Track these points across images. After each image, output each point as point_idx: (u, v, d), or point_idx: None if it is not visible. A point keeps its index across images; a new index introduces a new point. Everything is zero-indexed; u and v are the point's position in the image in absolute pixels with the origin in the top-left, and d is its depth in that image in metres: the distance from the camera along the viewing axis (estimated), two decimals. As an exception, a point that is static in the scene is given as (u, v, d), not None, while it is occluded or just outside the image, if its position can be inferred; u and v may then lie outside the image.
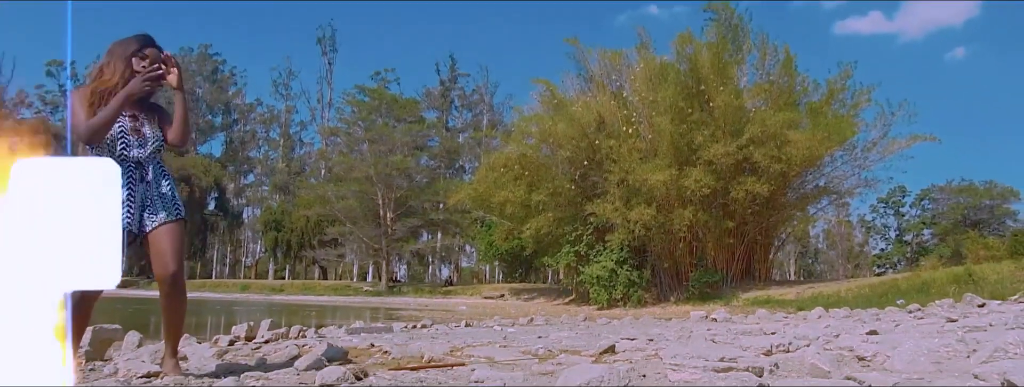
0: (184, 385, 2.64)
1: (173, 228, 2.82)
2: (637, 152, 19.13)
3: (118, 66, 2.79)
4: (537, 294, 27.66)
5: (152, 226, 2.80)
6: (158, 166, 2.90)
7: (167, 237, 2.79)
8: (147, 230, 2.79)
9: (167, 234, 2.80)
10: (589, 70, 22.95)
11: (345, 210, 36.32)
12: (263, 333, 5.85)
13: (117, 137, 2.79)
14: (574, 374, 2.26)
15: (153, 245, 2.79)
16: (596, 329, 6.70)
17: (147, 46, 2.85)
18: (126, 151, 2.80)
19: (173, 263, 2.78)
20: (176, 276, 2.80)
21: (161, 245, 2.78)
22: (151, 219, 2.81)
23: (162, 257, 2.77)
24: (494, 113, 53.51)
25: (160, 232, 2.79)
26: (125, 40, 2.86)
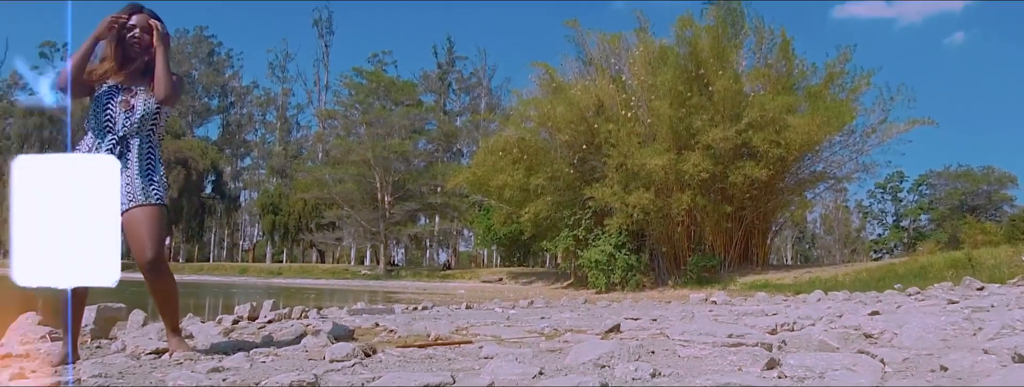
0: (194, 360, 2.65)
1: (149, 211, 2.71)
2: (636, 136, 19.09)
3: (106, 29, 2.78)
4: (535, 278, 27.75)
5: (127, 207, 2.70)
6: (146, 144, 2.83)
7: (143, 221, 2.69)
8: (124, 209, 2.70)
9: (143, 217, 2.69)
10: (588, 53, 22.86)
11: (343, 193, 36.27)
12: (266, 313, 5.87)
13: (103, 106, 2.76)
14: (585, 350, 2.28)
15: (128, 228, 2.69)
16: (597, 311, 6.73)
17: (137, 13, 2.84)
18: (111, 123, 2.76)
19: (150, 249, 2.68)
20: (154, 262, 2.71)
21: (137, 229, 2.68)
22: (127, 199, 2.71)
23: (138, 242, 2.68)
24: (492, 97, 53.34)
25: (135, 214, 2.69)
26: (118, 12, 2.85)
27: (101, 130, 2.74)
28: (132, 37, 2.82)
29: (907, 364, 1.89)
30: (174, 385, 1.69)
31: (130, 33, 2.82)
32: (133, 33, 2.82)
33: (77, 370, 2.25)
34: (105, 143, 2.73)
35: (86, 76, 2.76)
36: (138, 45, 2.82)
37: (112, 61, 2.84)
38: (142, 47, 2.83)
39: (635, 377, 1.84)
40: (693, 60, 19.49)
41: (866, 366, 1.66)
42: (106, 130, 2.74)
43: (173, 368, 2.40)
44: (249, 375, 2.12)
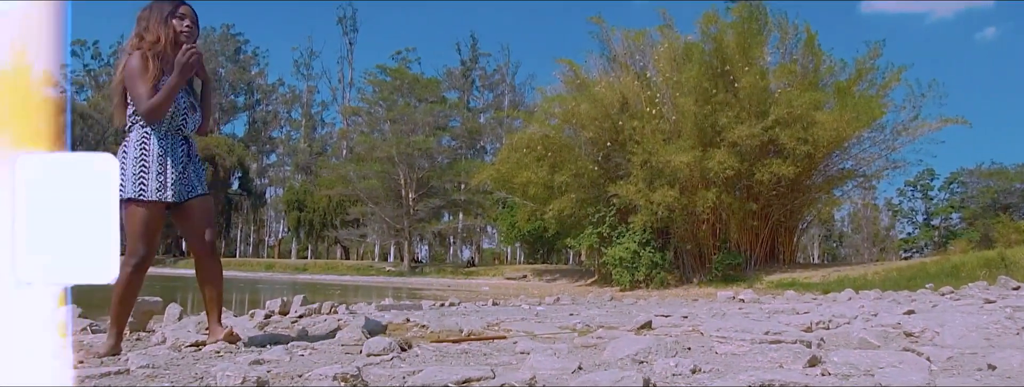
0: (234, 352, 2.69)
1: (208, 200, 2.95)
2: (660, 133, 18.97)
3: (158, 29, 2.81)
4: (559, 275, 27.74)
5: (189, 197, 2.88)
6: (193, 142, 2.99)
7: (207, 210, 2.92)
8: (182, 201, 2.86)
9: (206, 206, 2.92)
10: (612, 50, 22.72)
11: (367, 190, 36.49)
12: (296, 308, 5.94)
13: (179, 112, 2.84)
14: (621, 345, 2.28)
15: (191, 216, 2.88)
16: (624, 308, 6.72)
17: (181, 5, 2.88)
18: (184, 127, 2.88)
19: (210, 233, 2.91)
20: (213, 245, 2.94)
21: (200, 216, 2.88)
22: (189, 191, 2.89)
23: (200, 227, 2.88)
24: (515, 93, 53.31)
25: (197, 204, 2.89)
26: (153, 3, 2.87)
27: (174, 130, 2.83)
28: (185, 27, 2.86)
29: (952, 363, 1.87)
30: (222, 376, 1.72)
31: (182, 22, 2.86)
32: (185, 23, 2.86)
33: (125, 361, 2.30)
34: (177, 142, 2.84)
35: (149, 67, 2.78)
36: (188, 37, 2.86)
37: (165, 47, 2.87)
38: (192, 39, 2.88)
39: (675, 373, 1.84)
40: (718, 56, 19.32)
41: (912, 364, 1.64)
42: (178, 130, 2.84)
43: (215, 360, 2.44)
44: (290, 367, 2.16)
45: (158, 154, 2.76)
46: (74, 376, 1.89)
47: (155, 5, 2.86)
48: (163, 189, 2.76)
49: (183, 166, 2.85)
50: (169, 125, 2.82)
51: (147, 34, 2.81)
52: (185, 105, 2.87)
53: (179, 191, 2.84)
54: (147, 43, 2.79)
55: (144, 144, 2.76)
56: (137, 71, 2.72)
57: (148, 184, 2.73)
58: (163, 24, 2.81)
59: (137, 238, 2.74)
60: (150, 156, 2.75)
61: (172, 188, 2.80)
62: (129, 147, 2.77)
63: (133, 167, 2.73)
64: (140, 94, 2.71)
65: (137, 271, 2.78)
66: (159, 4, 2.85)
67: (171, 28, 2.83)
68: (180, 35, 2.84)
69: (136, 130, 2.79)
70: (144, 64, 2.74)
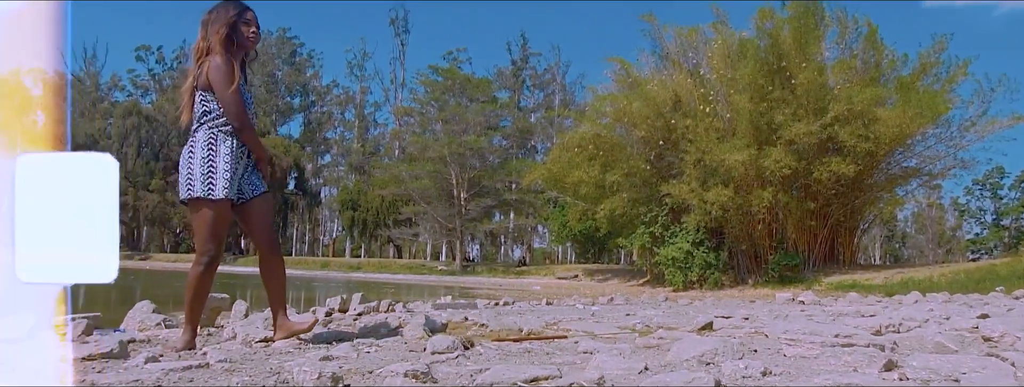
0: (303, 348, 2.77)
1: (268, 198, 3.04)
2: (714, 131, 18.68)
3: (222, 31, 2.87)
4: (611, 275, 27.57)
5: (251, 196, 2.98)
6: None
7: (265, 208, 3.00)
8: (245, 199, 2.96)
9: (263, 205, 3.00)
10: (664, 48, 22.49)
11: (419, 190, 36.89)
12: (355, 306, 6.06)
13: (248, 109, 2.96)
14: (686, 346, 2.26)
15: (254, 215, 2.98)
16: (681, 309, 6.64)
17: (247, 10, 2.96)
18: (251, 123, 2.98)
19: (271, 232, 3.01)
20: (276, 242, 3.04)
21: (262, 214, 2.98)
22: (251, 189, 2.98)
23: (263, 225, 2.98)
24: (566, 93, 53.20)
25: (259, 202, 2.98)
26: (218, 8, 2.94)
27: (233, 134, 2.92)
28: (251, 34, 2.95)
29: (1038, 369, 1.80)
30: (298, 371, 1.77)
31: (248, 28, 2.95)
32: (251, 30, 2.95)
33: (203, 355, 2.39)
34: (241, 142, 2.93)
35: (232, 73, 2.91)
36: (252, 41, 2.96)
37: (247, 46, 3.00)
38: (254, 43, 2.98)
39: (745, 375, 1.82)
40: (774, 53, 18.90)
41: (997, 369, 1.59)
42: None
43: (286, 355, 2.52)
44: (358, 364, 2.21)
45: (225, 153, 2.84)
46: (159, 369, 1.97)
47: (220, 8, 2.92)
48: (230, 188, 2.85)
49: (245, 165, 2.94)
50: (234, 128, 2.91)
51: (214, 37, 2.88)
52: (251, 103, 3.01)
53: (244, 190, 2.95)
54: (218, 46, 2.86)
55: (212, 144, 2.85)
56: (223, 73, 2.81)
57: (216, 183, 2.81)
58: (228, 27, 2.88)
59: (207, 236, 2.84)
60: (218, 155, 2.84)
61: (238, 187, 2.91)
62: (196, 147, 2.85)
63: (201, 167, 2.82)
64: (226, 96, 2.81)
65: (208, 268, 2.89)
66: (224, 7, 2.93)
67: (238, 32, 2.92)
68: (247, 41, 2.94)
69: (203, 130, 2.87)
70: (228, 67, 2.82)
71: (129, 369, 2.05)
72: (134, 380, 1.80)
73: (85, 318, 3.71)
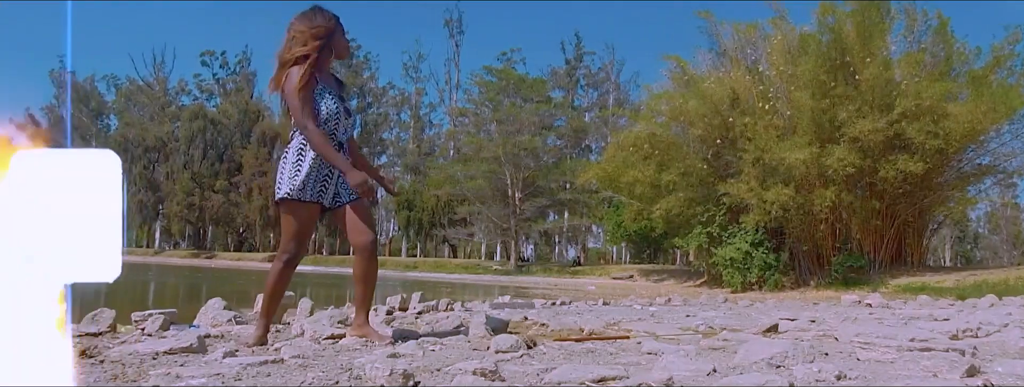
0: (370, 345, 2.83)
1: (364, 202, 3.07)
2: (774, 129, 18.27)
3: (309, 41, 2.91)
4: (667, 276, 27.25)
5: (348, 200, 3.03)
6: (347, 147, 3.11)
7: (363, 212, 3.04)
8: (340, 204, 3.02)
9: (363, 208, 3.05)
10: (722, 45, 22.12)
11: (474, 190, 37.14)
12: (415, 305, 6.16)
13: (332, 117, 2.98)
14: (755, 349, 2.23)
15: (351, 217, 3.02)
16: (741, 310, 6.53)
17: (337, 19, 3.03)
18: (336, 132, 3.01)
19: (370, 232, 3.02)
20: (374, 243, 3.05)
21: (359, 218, 3.02)
22: (347, 194, 3.03)
23: (361, 227, 3.01)
24: (620, 92, 52.75)
25: (356, 206, 3.03)
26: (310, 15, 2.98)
27: (329, 136, 2.97)
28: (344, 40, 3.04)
29: None
30: (370, 367, 1.82)
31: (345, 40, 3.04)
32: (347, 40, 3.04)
33: (277, 351, 2.47)
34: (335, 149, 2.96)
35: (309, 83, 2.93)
36: (347, 51, 3.04)
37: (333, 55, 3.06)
38: (348, 52, 3.06)
39: (818, 379, 1.79)
40: (836, 48, 18.37)
41: (1091, 377, 1.52)
42: (332, 137, 2.99)
43: (354, 352, 2.58)
44: (425, 361, 2.24)
45: (312, 158, 2.91)
46: (237, 363, 2.05)
47: (305, 16, 2.98)
48: (316, 191, 2.92)
49: (333, 170, 2.97)
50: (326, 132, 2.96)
51: (296, 47, 2.92)
52: (337, 112, 3.00)
53: (333, 194, 3.00)
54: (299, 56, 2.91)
55: (302, 150, 2.93)
56: (295, 87, 2.86)
57: (303, 186, 2.89)
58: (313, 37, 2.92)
59: (290, 236, 2.94)
60: (305, 160, 2.92)
61: (325, 191, 2.97)
62: (290, 152, 2.95)
63: (290, 170, 2.91)
64: (296, 109, 2.87)
65: (288, 267, 2.99)
66: (309, 14, 2.98)
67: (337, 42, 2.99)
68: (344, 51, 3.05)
69: (296, 137, 2.97)
70: (301, 81, 2.87)
71: (209, 363, 2.13)
72: (215, 374, 1.87)
73: (161, 314, 3.87)
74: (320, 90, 2.96)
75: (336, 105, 3.00)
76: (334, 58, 3.06)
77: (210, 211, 52.81)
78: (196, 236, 58.40)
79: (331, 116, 2.97)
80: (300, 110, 2.86)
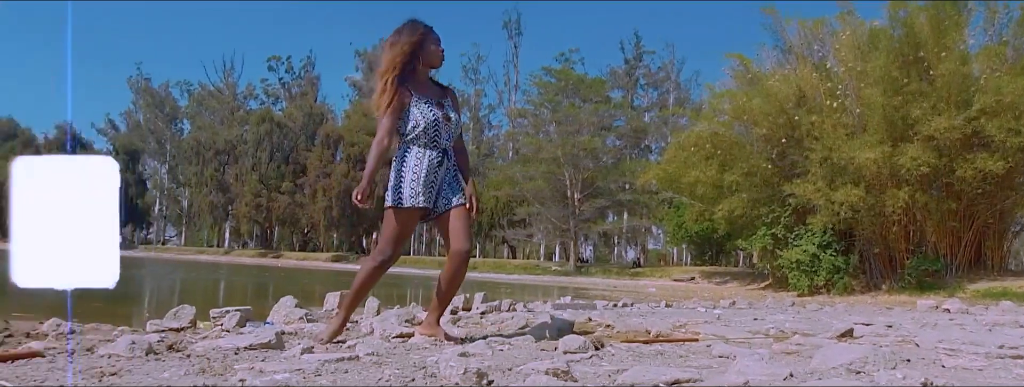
0: (438, 344, 2.87)
1: (466, 210, 3.13)
2: (843, 128, 17.71)
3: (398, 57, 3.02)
4: (729, 278, 26.73)
5: (449, 207, 3.10)
6: (451, 154, 3.17)
7: (464, 218, 3.11)
8: (442, 211, 3.09)
9: (463, 215, 3.11)
10: (787, 41, 21.59)
11: (533, 191, 37.15)
12: (478, 305, 6.21)
13: (431, 125, 3.05)
14: (833, 353, 2.17)
15: (452, 224, 3.09)
16: (811, 314, 6.35)
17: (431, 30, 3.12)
18: (437, 139, 3.08)
19: (467, 241, 3.09)
20: (469, 253, 3.13)
21: (459, 224, 3.09)
22: (448, 201, 3.10)
23: (460, 235, 3.08)
24: (681, 91, 52.01)
25: (457, 213, 3.10)
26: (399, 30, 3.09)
27: (430, 143, 3.07)
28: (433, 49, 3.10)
29: None
30: (445, 366, 1.85)
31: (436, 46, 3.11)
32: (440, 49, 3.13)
33: (353, 348, 2.54)
34: (434, 155, 3.07)
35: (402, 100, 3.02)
36: (438, 59, 3.11)
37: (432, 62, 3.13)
38: (441, 60, 3.14)
39: (902, 385, 1.73)
40: (909, 43, 17.68)
41: None
42: (434, 144, 3.08)
43: (425, 351, 2.62)
44: (495, 361, 2.27)
45: (413, 165, 3.02)
46: (315, 359, 2.11)
47: (395, 31, 3.10)
48: (415, 197, 3.00)
49: (437, 176, 3.07)
50: (425, 139, 3.06)
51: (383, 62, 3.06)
52: (436, 119, 3.07)
53: (433, 200, 3.07)
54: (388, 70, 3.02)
55: (403, 157, 3.05)
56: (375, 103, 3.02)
57: (402, 192, 3.00)
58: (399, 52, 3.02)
59: (387, 239, 3.05)
60: (406, 167, 3.02)
61: (424, 197, 3.03)
62: (395, 159, 3.09)
63: (393, 177, 3.03)
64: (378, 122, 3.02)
65: (380, 267, 3.09)
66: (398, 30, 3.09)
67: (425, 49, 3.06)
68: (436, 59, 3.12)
69: (400, 146, 3.10)
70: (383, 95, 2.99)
71: (288, 359, 2.20)
72: (296, 369, 1.94)
73: (238, 311, 4.02)
74: (416, 100, 3.05)
75: (433, 112, 3.07)
76: (427, 67, 3.12)
77: (276, 212, 54.32)
78: (263, 236, 60.17)
79: (430, 124, 3.05)
80: (379, 123, 2.99)
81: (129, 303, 9.41)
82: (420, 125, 3.02)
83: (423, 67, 3.11)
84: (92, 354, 2.32)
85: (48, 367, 1.97)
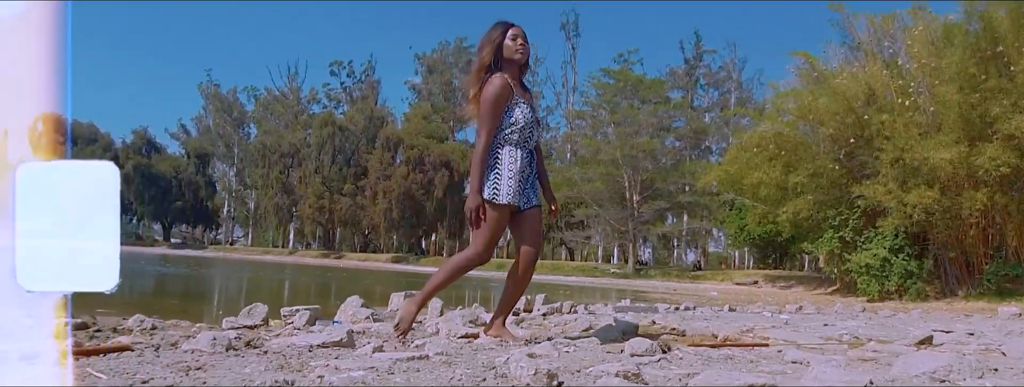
0: (505, 345, 2.89)
1: (540, 211, 3.18)
2: (916, 127, 17.04)
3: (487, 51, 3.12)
4: (794, 282, 26.05)
5: (527, 207, 3.13)
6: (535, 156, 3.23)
7: (537, 219, 3.15)
8: (523, 209, 3.13)
9: (537, 216, 3.16)
10: (855, 38, 20.91)
11: (591, 192, 36.97)
12: (539, 307, 6.22)
13: (527, 126, 3.11)
14: (914, 361, 2.10)
15: (525, 224, 3.13)
16: (884, 321, 6.14)
17: (511, 27, 3.16)
18: (529, 140, 3.14)
19: (538, 242, 3.13)
20: (537, 253, 3.16)
21: (533, 225, 3.13)
22: (528, 200, 3.14)
23: (532, 236, 3.13)
24: (742, 91, 50.97)
25: (532, 214, 3.14)
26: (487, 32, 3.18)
27: (522, 142, 3.12)
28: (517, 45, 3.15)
29: None
30: (515, 366, 1.86)
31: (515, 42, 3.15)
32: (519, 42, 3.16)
33: (422, 347, 2.58)
34: (525, 154, 3.13)
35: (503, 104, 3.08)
36: (521, 55, 3.15)
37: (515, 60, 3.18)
38: (523, 56, 3.17)
39: (992, 395, 1.66)
40: (987, 37, 16.86)
41: None
42: (526, 143, 3.14)
43: (491, 351, 2.64)
44: (562, 362, 2.27)
45: (508, 163, 3.06)
46: (387, 358, 2.16)
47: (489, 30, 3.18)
48: (510, 194, 3.04)
49: (525, 176, 3.12)
50: (519, 138, 3.11)
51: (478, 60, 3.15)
52: (531, 121, 3.14)
53: (521, 199, 3.12)
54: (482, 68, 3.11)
55: (497, 154, 3.09)
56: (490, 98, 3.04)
57: (499, 189, 3.04)
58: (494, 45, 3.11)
59: (482, 237, 3.06)
60: (502, 165, 3.07)
61: (517, 195, 3.08)
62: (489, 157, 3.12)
63: (493, 174, 3.06)
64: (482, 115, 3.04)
65: (469, 262, 3.11)
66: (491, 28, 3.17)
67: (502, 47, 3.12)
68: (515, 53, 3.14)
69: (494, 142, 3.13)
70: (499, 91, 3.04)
71: (360, 357, 2.26)
72: (370, 367, 1.98)
73: (307, 310, 4.13)
74: (516, 101, 3.11)
75: (530, 114, 3.14)
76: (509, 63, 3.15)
77: (338, 213, 55.50)
78: (325, 237, 61.57)
79: (527, 124, 3.11)
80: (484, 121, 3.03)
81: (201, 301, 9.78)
82: (519, 123, 3.08)
83: (507, 64, 3.14)
84: (176, 349, 2.42)
85: (137, 360, 2.07)
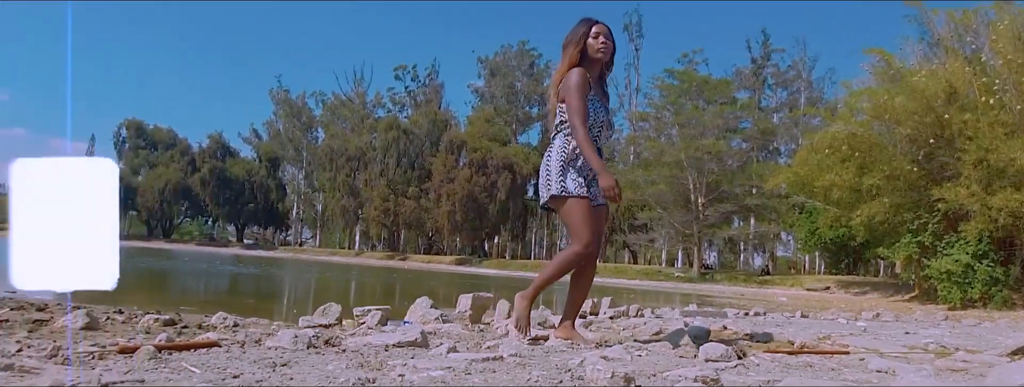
0: (576, 347, 2.89)
1: (604, 210, 3.22)
2: (1001, 126, 16.20)
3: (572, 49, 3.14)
4: (868, 288, 25.12)
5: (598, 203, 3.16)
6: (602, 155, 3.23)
7: (603, 218, 3.19)
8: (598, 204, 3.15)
9: (603, 215, 3.19)
10: (934, 33, 20.06)
11: (655, 195, 36.50)
12: (605, 310, 6.19)
13: (597, 124, 3.15)
14: (1009, 372, 2.00)
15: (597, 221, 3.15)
16: (968, 329, 5.86)
17: (594, 24, 3.18)
18: (598, 139, 3.17)
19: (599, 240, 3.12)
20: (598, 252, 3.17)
21: (600, 224, 3.16)
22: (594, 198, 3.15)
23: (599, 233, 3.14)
24: (812, 90, 49.45)
25: (601, 212, 3.18)
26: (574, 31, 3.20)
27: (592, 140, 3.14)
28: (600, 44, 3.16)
29: None
30: (591, 369, 1.86)
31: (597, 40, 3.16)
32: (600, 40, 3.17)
33: (496, 348, 2.60)
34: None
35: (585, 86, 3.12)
36: (603, 52, 3.17)
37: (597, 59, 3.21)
38: (606, 54, 3.19)
39: (1100, 410, 1.57)
40: (1081, 29, 15.96)
41: None
42: (595, 142, 3.15)
43: (563, 353, 2.65)
44: (636, 366, 2.25)
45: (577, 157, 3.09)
46: (463, 358, 2.19)
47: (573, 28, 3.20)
48: (583, 187, 3.07)
49: (593, 174, 3.11)
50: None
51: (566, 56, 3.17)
52: (603, 120, 3.18)
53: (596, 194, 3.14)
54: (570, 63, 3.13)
55: (563, 149, 3.12)
56: (574, 86, 3.06)
57: (569, 182, 3.06)
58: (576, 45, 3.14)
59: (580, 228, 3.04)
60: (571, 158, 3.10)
61: (591, 188, 3.11)
62: (553, 151, 3.16)
63: (557, 168, 3.09)
64: (575, 107, 3.04)
65: (577, 256, 3.09)
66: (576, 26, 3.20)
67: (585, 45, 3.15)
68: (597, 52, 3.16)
69: (560, 137, 3.18)
70: (581, 81, 3.06)
71: (436, 357, 2.29)
72: (447, 367, 2.01)
73: (379, 310, 4.22)
74: (592, 96, 3.14)
75: (603, 115, 3.17)
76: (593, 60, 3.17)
77: (403, 216, 56.39)
78: (390, 239, 62.63)
79: (597, 123, 3.14)
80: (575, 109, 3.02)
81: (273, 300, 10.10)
82: (590, 120, 3.09)
83: (590, 63, 3.16)
84: (260, 346, 2.51)
85: (226, 356, 2.16)
